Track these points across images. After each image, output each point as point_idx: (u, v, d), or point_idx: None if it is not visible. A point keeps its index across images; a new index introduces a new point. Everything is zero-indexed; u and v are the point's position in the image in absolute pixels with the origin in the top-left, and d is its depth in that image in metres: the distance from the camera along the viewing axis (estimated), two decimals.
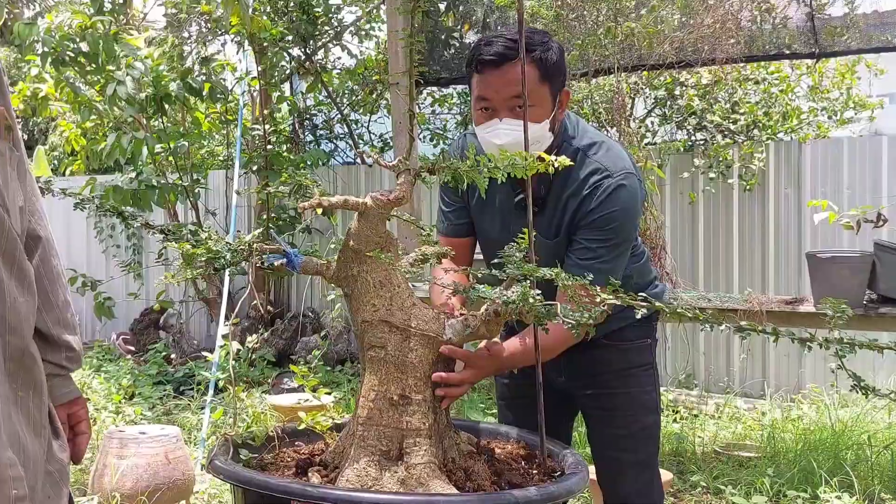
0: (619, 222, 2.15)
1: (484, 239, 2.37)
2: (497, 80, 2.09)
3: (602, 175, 2.16)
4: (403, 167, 1.78)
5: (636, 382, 2.39)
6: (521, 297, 1.58)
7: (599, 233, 2.15)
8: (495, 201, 2.29)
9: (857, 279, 4.02)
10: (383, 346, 1.77)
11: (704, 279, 6.25)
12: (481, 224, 2.36)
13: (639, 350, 2.42)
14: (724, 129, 6.18)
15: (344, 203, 1.74)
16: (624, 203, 2.16)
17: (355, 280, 1.81)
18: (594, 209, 2.15)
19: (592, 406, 2.43)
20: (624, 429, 2.38)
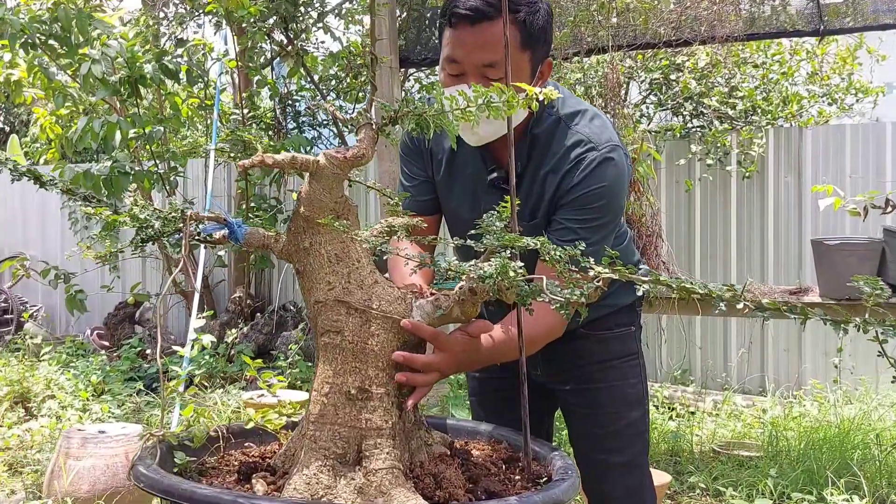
0: (605, 200, 1.90)
1: (451, 219, 2.11)
2: (470, 39, 1.82)
3: (585, 147, 1.90)
4: (364, 120, 1.51)
5: (619, 375, 2.13)
6: (499, 270, 1.32)
7: (582, 212, 1.90)
8: (464, 176, 2.03)
9: (866, 267, 3.78)
10: (339, 331, 1.51)
11: (701, 269, 6.00)
12: (448, 203, 2.10)
13: (621, 339, 2.17)
14: (722, 114, 5.93)
15: (291, 161, 1.47)
16: (610, 179, 1.90)
17: (307, 254, 1.54)
18: (577, 185, 1.89)
19: (573, 402, 2.18)
20: (608, 426, 2.13)
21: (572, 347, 2.08)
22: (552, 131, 1.93)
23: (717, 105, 5.87)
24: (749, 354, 5.86)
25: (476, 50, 1.80)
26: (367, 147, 1.51)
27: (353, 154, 1.49)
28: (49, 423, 4.68)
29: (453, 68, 1.87)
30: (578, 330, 2.03)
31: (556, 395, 2.21)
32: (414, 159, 2.13)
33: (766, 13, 5.01)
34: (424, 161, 2.12)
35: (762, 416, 4.98)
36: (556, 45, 4.64)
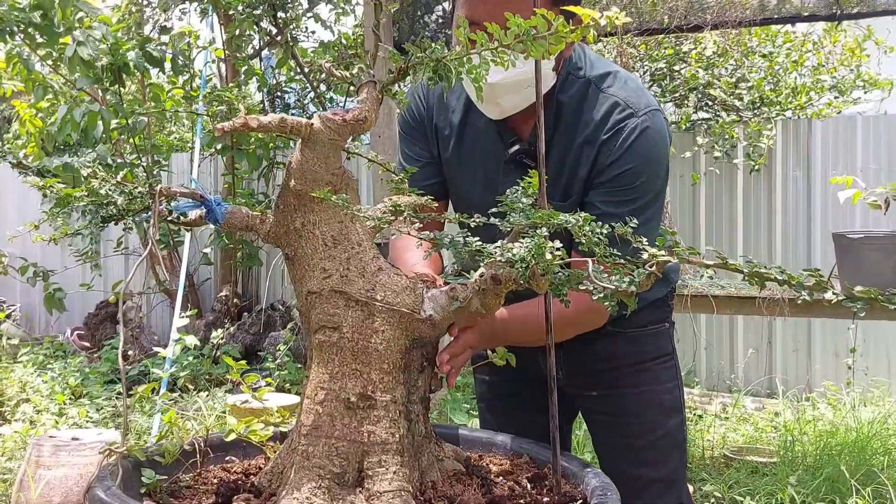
0: (649, 175, 1.65)
1: (460, 204, 1.86)
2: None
3: (624, 113, 1.65)
4: (366, 76, 1.28)
5: (653, 378, 1.88)
6: (534, 251, 1.08)
7: (625, 192, 1.65)
8: (477, 153, 1.78)
9: (891, 262, 3.56)
10: (337, 327, 1.27)
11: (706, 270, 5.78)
12: (458, 185, 1.85)
13: (655, 337, 1.91)
14: (729, 105, 5.71)
15: (280, 123, 1.23)
16: (655, 150, 1.66)
17: (299, 236, 1.31)
18: (618, 160, 1.64)
19: (600, 410, 1.92)
20: (641, 437, 1.87)
21: (600, 348, 1.84)
22: (582, 96, 1.69)
23: (723, 96, 5.65)
24: (757, 355, 5.64)
25: (500, 6, 1.52)
26: (369, 109, 1.27)
27: (353, 116, 1.26)
28: (22, 429, 4.41)
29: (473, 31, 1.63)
30: (606, 327, 1.79)
31: (578, 402, 1.97)
32: (416, 138, 1.88)
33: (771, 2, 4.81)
34: (429, 140, 1.87)
35: (774, 419, 4.76)
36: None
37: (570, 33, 0.90)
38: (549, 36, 0.91)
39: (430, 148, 1.87)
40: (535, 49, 0.92)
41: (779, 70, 6.11)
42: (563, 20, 0.92)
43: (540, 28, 0.90)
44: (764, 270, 1.08)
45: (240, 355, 6.33)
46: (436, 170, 1.88)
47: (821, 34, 6.38)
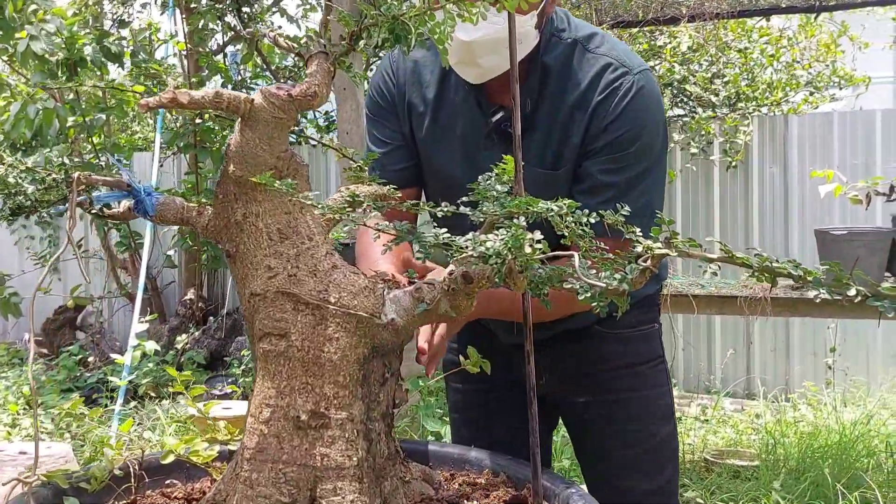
0: (647, 138, 1.52)
1: (440, 185, 1.70)
2: None
3: (618, 72, 1.52)
4: (316, 46, 1.11)
5: (646, 382, 1.74)
6: (511, 243, 0.93)
7: (623, 158, 1.51)
8: (456, 127, 1.63)
9: (875, 260, 3.45)
10: (284, 334, 1.10)
11: (682, 264, 5.66)
12: (436, 163, 1.68)
13: (646, 338, 1.77)
14: (705, 101, 5.59)
15: (215, 98, 1.07)
16: (652, 110, 1.52)
17: (240, 230, 1.14)
18: (614, 122, 1.51)
19: (589, 417, 1.77)
20: (633, 446, 1.73)
21: (588, 350, 1.69)
22: (567, 58, 1.55)
23: (699, 91, 5.54)
24: (735, 355, 5.53)
25: None
26: (319, 82, 1.11)
27: (300, 91, 1.09)
28: None
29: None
30: (594, 327, 1.64)
31: (563, 409, 1.81)
32: (386, 119, 1.72)
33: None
34: (400, 120, 1.71)
35: (755, 421, 4.65)
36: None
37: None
38: None
39: (402, 128, 1.71)
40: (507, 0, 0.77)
41: (754, 66, 6.01)
42: None
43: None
44: (777, 265, 0.93)
45: (205, 361, 6.12)
46: (408, 153, 1.72)
47: (796, 29, 6.29)
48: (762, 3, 4.34)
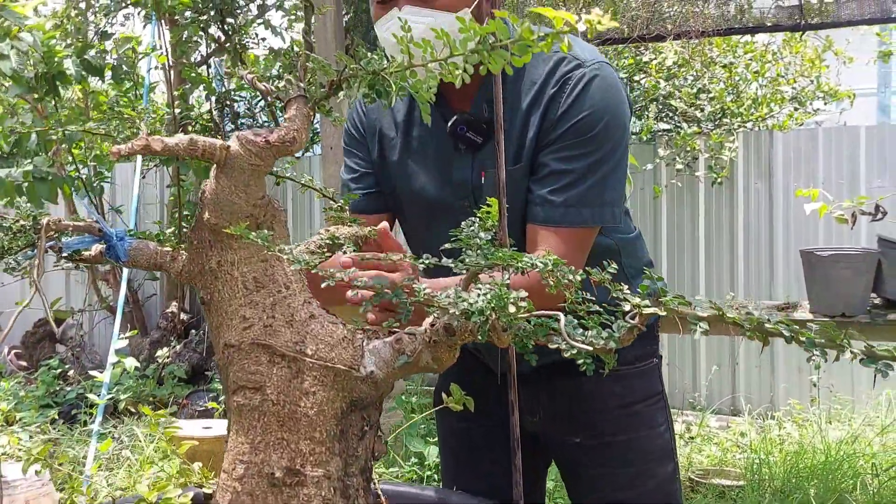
0: (602, 125, 1.48)
1: (419, 204, 1.67)
2: None
3: (571, 64, 1.50)
4: (295, 90, 1.08)
5: (645, 421, 1.69)
6: (494, 302, 0.89)
7: (576, 146, 1.48)
8: (426, 147, 1.61)
9: (862, 281, 3.44)
10: (259, 388, 1.07)
11: (667, 280, 5.65)
12: (413, 182, 1.66)
13: (645, 375, 1.72)
14: (690, 116, 5.59)
15: (189, 146, 1.03)
16: (606, 97, 1.49)
17: (215, 277, 1.10)
18: (566, 113, 1.48)
19: (583, 460, 1.72)
20: (631, 489, 1.68)
21: (581, 387, 1.64)
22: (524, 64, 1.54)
23: (684, 107, 5.53)
24: (720, 371, 5.52)
25: None
26: (298, 128, 1.07)
27: (278, 137, 1.05)
28: None
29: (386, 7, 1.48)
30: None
31: (556, 450, 1.77)
32: (357, 149, 1.71)
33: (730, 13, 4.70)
34: (370, 147, 1.70)
35: (740, 440, 4.63)
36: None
37: (539, 41, 0.71)
38: (512, 45, 0.72)
39: (372, 157, 1.71)
40: (493, 61, 0.73)
41: (739, 81, 6.01)
42: (528, 25, 0.73)
43: (500, 34, 0.71)
44: (770, 326, 0.90)
45: (186, 375, 6.05)
46: (375, 180, 1.71)
47: (780, 44, 6.31)
48: (746, 20, 4.33)
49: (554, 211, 1.48)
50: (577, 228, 1.49)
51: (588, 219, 1.49)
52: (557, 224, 1.49)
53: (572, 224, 1.48)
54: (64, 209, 7.06)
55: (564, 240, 1.48)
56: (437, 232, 1.65)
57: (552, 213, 1.48)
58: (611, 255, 1.65)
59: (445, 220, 1.62)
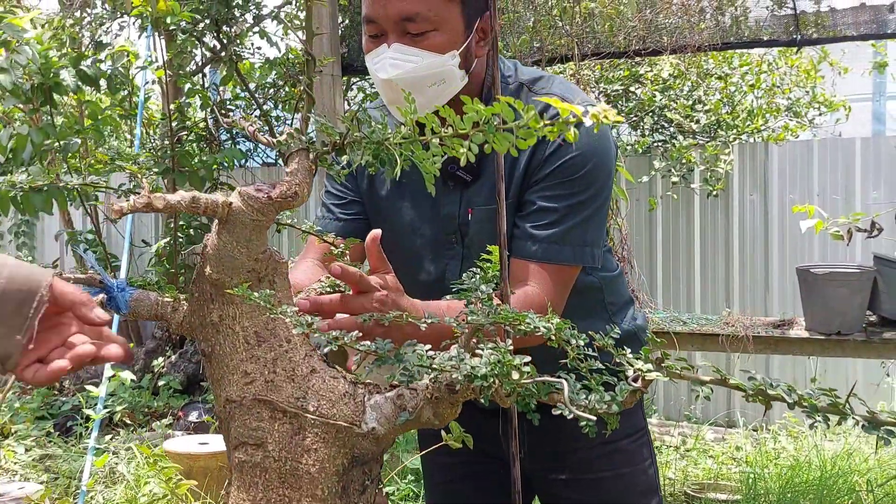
0: (588, 168, 1.51)
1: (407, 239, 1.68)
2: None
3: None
4: (296, 143, 1.08)
5: (628, 458, 1.71)
6: (497, 369, 0.90)
7: (562, 186, 1.51)
8: (415, 181, 1.62)
9: (858, 299, 3.45)
10: (261, 444, 1.06)
11: (663, 293, 5.66)
12: (402, 218, 1.67)
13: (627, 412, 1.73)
14: (686, 128, 5.60)
15: (191, 203, 1.03)
16: (594, 141, 1.52)
17: (216, 331, 1.10)
18: (556, 151, 1.51)
19: (568, 497, 1.73)
20: None
21: (566, 425, 1.64)
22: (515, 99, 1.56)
23: (679, 119, 5.54)
24: None
25: (390, 1, 1.45)
26: (301, 181, 1.07)
27: (280, 192, 1.05)
28: None
29: (371, 28, 1.50)
30: None
31: (540, 485, 1.77)
32: (346, 177, 1.71)
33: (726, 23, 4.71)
34: (359, 178, 1.71)
35: (735, 453, 4.64)
36: (514, 52, 4.25)
37: (545, 128, 0.71)
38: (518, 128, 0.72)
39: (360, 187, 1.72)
40: (498, 142, 0.73)
41: (734, 92, 6.02)
42: (535, 114, 0.73)
43: (505, 116, 0.71)
44: (771, 392, 0.90)
45: (181, 386, 6.04)
46: (362, 208, 1.73)
47: (776, 55, 6.32)
48: (740, 33, 4.34)
49: (537, 246, 1.51)
50: (559, 266, 1.52)
51: (569, 257, 1.52)
52: (540, 260, 1.52)
53: (552, 261, 1.51)
54: (59, 220, 7.06)
55: (547, 276, 1.51)
56: (424, 264, 1.65)
57: (535, 248, 1.52)
58: (593, 292, 1.67)
59: (432, 252, 1.64)
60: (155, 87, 6.59)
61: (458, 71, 1.50)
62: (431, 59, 1.46)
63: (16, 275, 1.00)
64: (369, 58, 1.50)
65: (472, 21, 1.51)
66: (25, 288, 1.00)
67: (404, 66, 1.45)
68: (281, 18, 6.22)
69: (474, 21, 1.51)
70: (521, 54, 4.24)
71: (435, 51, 1.46)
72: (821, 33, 4.30)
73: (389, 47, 1.46)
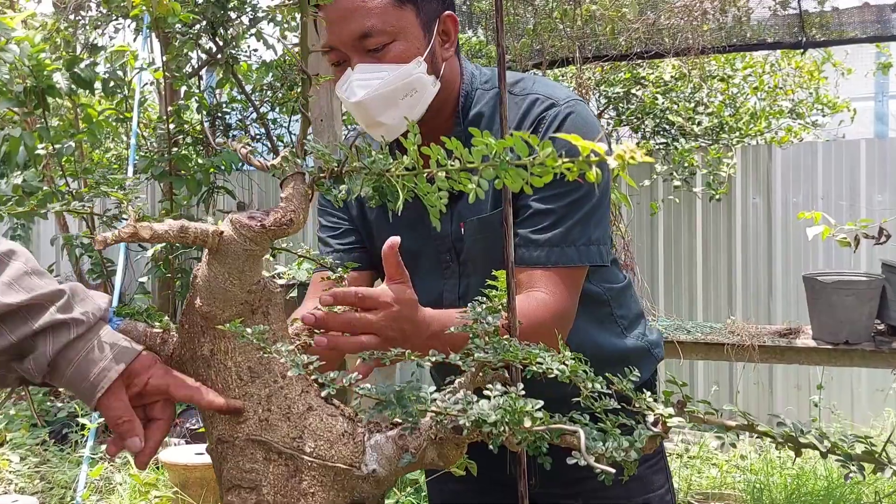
0: None
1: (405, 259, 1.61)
2: (334, 14, 1.42)
3: (543, 105, 1.48)
4: (291, 167, 1.01)
5: (642, 486, 1.64)
6: (508, 417, 0.83)
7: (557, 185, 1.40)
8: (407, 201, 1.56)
9: (866, 308, 3.39)
10: (254, 488, 1.00)
11: (665, 299, 5.59)
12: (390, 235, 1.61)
13: None
14: (687, 131, 5.53)
15: (180, 232, 0.96)
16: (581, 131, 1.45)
17: (208, 366, 1.04)
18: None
19: None
20: None
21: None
22: (495, 105, 1.52)
23: (682, 121, 5.48)
24: (718, 391, 5.46)
25: (344, 22, 1.41)
26: (296, 207, 1.01)
27: (275, 220, 0.99)
28: None
29: (332, 57, 1.46)
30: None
31: None
32: (334, 208, 1.66)
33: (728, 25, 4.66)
34: (350, 205, 1.66)
35: (739, 461, 4.58)
36: (515, 55, 4.18)
37: (562, 166, 0.65)
38: (532, 165, 0.66)
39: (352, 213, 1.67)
40: (510, 178, 0.67)
41: (737, 94, 5.96)
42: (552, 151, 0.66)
43: (518, 151, 0.65)
44: (803, 439, 0.84)
45: None
46: (357, 237, 1.67)
47: (779, 56, 6.26)
48: (741, 34, 4.28)
49: (539, 251, 1.45)
50: (564, 268, 1.45)
51: (574, 258, 1.46)
52: (543, 265, 1.45)
53: (557, 264, 1.45)
54: (55, 224, 6.99)
55: (555, 281, 1.44)
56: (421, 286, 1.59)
57: (537, 253, 1.45)
58: (600, 304, 1.60)
59: (428, 273, 1.57)
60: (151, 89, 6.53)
61: (426, 77, 1.45)
62: (397, 71, 1.41)
63: None
64: (337, 87, 1.44)
65: (430, 24, 1.46)
66: None
67: (371, 83, 1.40)
68: (277, 21, 6.15)
69: (433, 24, 1.46)
70: (522, 57, 4.18)
71: (399, 62, 1.41)
72: (825, 34, 4.24)
73: (354, 70, 1.42)
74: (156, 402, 1.04)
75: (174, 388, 1.02)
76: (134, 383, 1.00)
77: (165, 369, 1.02)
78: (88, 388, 0.96)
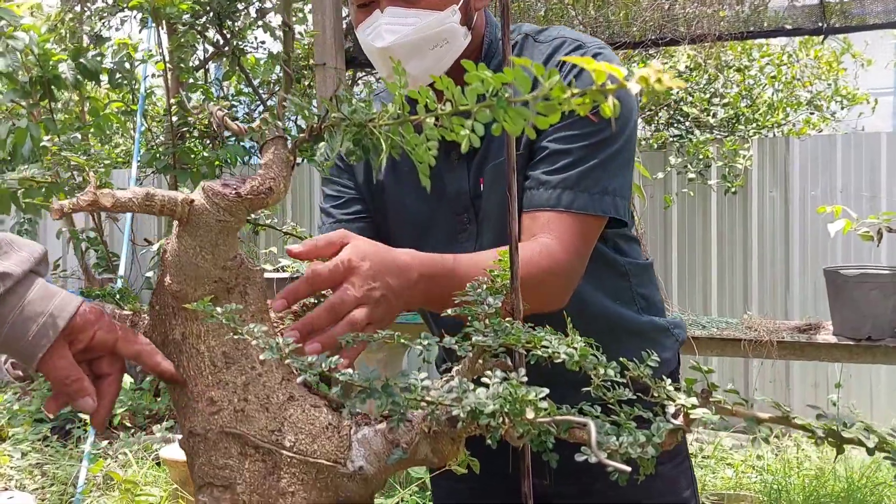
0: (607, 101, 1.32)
1: (409, 227, 1.51)
2: None
3: (571, 47, 1.39)
4: (272, 130, 0.91)
5: (668, 484, 1.52)
6: (508, 407, 0.73)
7: (578, 125, 1.33)
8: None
9: (890, 302, 3.26)
10: (228, 486, 0.90)
11: (678, 296, 5.47)
12: (401, 204, 1.50)
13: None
14: (703, 122, 5.41)
15: (145, 200, 0.87)
16: None
17: (179, 350, 0.94)
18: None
19: None
20: None
21: None
22: (519, 52, 1.42)
23: (697, 112, 5.35)
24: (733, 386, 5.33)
25: None
26: (276, 175, 0.91)
27: (252, 188, 0.89)
28: None
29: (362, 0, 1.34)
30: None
31: None
32: (340, 175, 1.55)
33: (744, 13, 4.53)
34: (356, 171, 1.54)
35: (756, 461, 4.45)
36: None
37: (571, 98, 0.55)
38: (534, 101, 0.55)
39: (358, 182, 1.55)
40: (510, 120, 0.57)
41: (753, 85, 5.83)
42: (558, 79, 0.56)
43: (520, 86, 0.54)
44: (846, 433, 0.74)
45: None
46: (362, 206, 1.55)
47: (796, 46, 6.12)
48: (765, 24, 4.15)
49: (549, 192, 1.32)
50: (575, 215, 1.31)
51: (587, 205, 1.31)
52: (553, 207, 1.32)
53: (569, 208, 1.31)
54: None
55: (563, 227, 1.31)
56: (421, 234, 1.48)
57: (546, 195, 1.32)
58: (619, 276, 1.50)
59: (438, 240, 1.45)
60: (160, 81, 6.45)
61: (459, 28, 1.35)
62: (430, 18, 1.31)
63: None
64: (361, 29, 1.33)
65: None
66: None
67: (402, 29, 1.30)
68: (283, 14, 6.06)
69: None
70: None
71: (432, 9, 1.31)
72: (847, 21, 4.11)
73: (383, 12, 1.31)
74: (101, 358, 0.93)
75: (122, 342, 0.91)
76: (78, 339, 0.89)
77: (111, 322, 0.91)
78: (27, 348, 0.85)
